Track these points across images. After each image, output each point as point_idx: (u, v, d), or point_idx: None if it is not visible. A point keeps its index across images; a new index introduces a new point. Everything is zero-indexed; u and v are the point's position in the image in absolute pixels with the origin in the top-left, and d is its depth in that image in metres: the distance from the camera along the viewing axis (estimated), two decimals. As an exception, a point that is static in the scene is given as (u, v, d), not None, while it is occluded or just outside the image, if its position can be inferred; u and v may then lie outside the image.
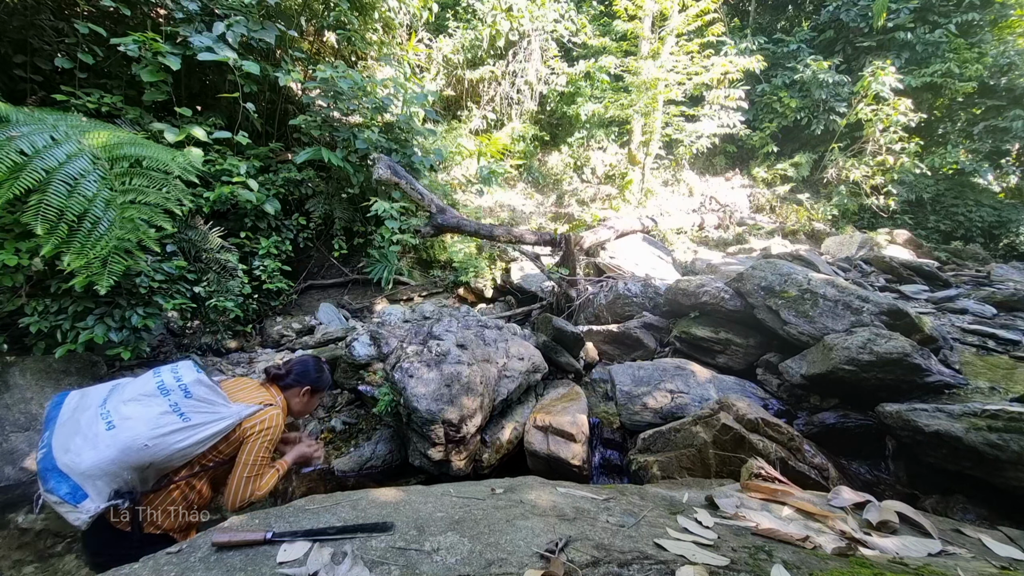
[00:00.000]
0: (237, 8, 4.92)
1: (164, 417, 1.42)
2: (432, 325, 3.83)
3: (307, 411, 1.87)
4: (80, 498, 1.30)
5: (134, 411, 1.41)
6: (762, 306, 3.69)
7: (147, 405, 1.43)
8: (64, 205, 2.76)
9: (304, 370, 1.81)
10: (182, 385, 1.48)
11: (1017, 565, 1.32)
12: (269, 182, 5.44)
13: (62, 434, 1.38)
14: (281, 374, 1.78)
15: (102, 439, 1.35)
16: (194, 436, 1.45)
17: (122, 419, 1.39)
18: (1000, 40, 9.80)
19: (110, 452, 1.34)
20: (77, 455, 1.33)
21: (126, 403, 1.43)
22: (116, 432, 1.36)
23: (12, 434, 3.05)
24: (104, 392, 1.49)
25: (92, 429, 1.36)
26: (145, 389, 1.47)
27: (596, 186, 10.65)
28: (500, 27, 9.45)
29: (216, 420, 1.49)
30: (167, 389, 1.47)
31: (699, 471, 2.43)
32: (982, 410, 2.18)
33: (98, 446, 1.34)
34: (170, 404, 1.44)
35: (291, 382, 1.78)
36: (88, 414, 1.40)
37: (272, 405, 1.65)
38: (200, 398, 1.49)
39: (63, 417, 1.42)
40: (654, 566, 1.12)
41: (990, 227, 9.13)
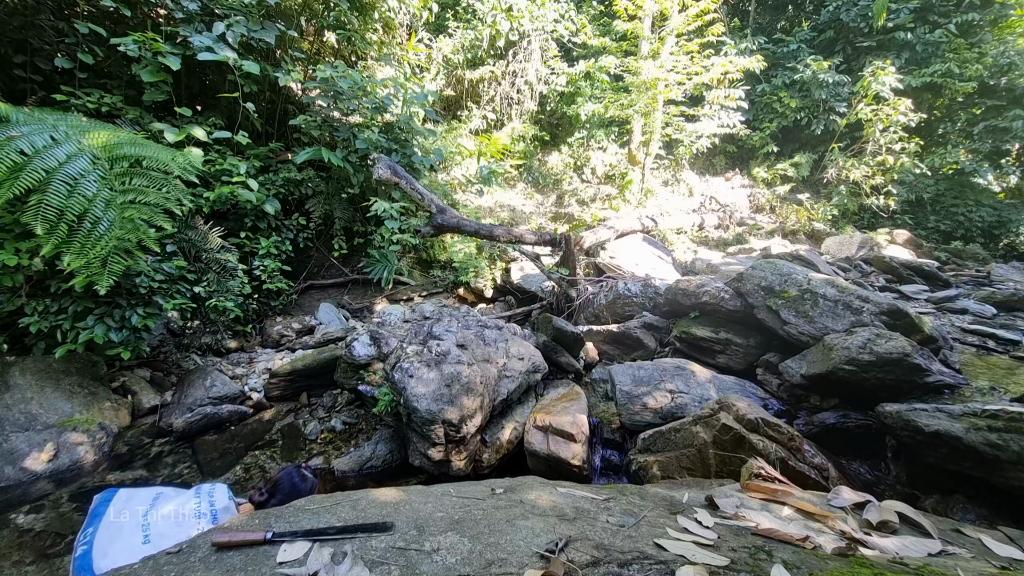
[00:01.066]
0: (237, 8, 4.92)
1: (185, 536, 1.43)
2: (432, 325, 3.83)
3: None
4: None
5: (169, 530, 1.48)
6: (762, 306, 3.69)
7: (181, 525, 1.51)
8: (64, 205, 2.76)
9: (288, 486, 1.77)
10: (213, 511, 1.58)
11: (1017, 565, 1.32)
12: (269, 182, 5.44)
13: (104, 536, 1.43)
14: (264, 500, 1.74)
15: (137, 552, 1.37)
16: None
17: (158, 535, 1.45)
18: (1000, 40, 9.80)
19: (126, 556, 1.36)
20: (113, 562, 1.35)
21: (164, 519, 1.51)
22: (150, 548, 1.39)
23: (12, 434, 3.05)
24: (149, 500, 1.57)
25: (131, 540, 1.43)
26: (184, 509, 1.56)
27: (596, 186, 10.65)
28: (500, 27, 9.45)
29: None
30: (201, 513, 1.57)
31: (699, 471, 2.43)
32: (982, 410, 2.18)
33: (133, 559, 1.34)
34: (199, 530, 1.50)
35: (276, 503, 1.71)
36: (131, 523, 1.47)
37: None
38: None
39: (108, 518, 1.48)
40: (654, 566, 1.12)
41: (990, 227, 9.13)
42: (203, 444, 3.52)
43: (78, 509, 2.82)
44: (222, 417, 3.72)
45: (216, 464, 3.33)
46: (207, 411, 3.65)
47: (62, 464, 3.03)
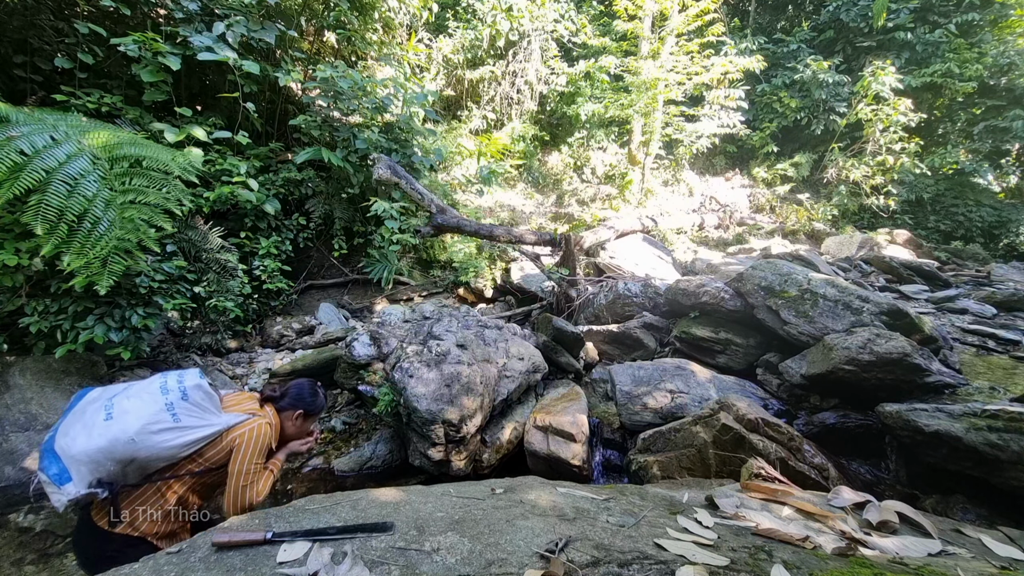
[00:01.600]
0: (237, 8, 4.92)
1: (157, 415, 1.46)
2: (432, 325, 3.83)
3: (301, 435, 1.86)
4: (64, 480, 1.37)
5: (132, 405, 1.46)
6: (762, 306, 3.69)
7: (144, 401, 1.47)
8: (64, 205, 2.76)
9: (299, 394, 1.81)
10: (182, 387, 1.52)
11: (1017, 565, 1.32)
12: (269, 182, 5.44)
13: (69, 421, 1.45)
14: (276, 396, 1.79)
15: (97, 428, 1.41)
16: (180, 438, 1.48)
17: (120, 412, 1.44)
18: (1000, 40, 9.80)
19: (100, 441, 1.39)
20: (73, 440, 1.40)
21: (128, 398, 1.48)
22: (111, 423, 1.41)
23: (12, 434, 3.05)
24: (119, 388, 1.55)
25: (94, 419, 1.43)
26: (148, 387, 1.53)
27: (596, 186, 10.65)
28: (500, 27, 9.45)
29: (204, 426, 1.52)
30: (167, 389, 1.51)
31: (699, 471, 2.43)
32: (982, 410, 2.18)
33: (92, 434, 1.40)
34: (166, 403, 1.48)
35: (285, 405, 1.79)
36: (96, 405, 1.47)
37: (258, 416, 1.65)
38: (195, 403, 1.52)
39: (77, 408, 1.49)
40: (654, 566, 1.12)
41: (990, 227, 9.13)
42: (203, 444, 3.52)
43: (78, 509, 2.82)
44: (222, 417, 3.72)
45: (216, 464, 3.33)
46: (207, 411, 3.65)
47: (62, 464, 3.03)
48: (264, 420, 1.65)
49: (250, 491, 1.56)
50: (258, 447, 1.59)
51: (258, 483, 1.60)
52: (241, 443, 1.56)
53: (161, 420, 1.46)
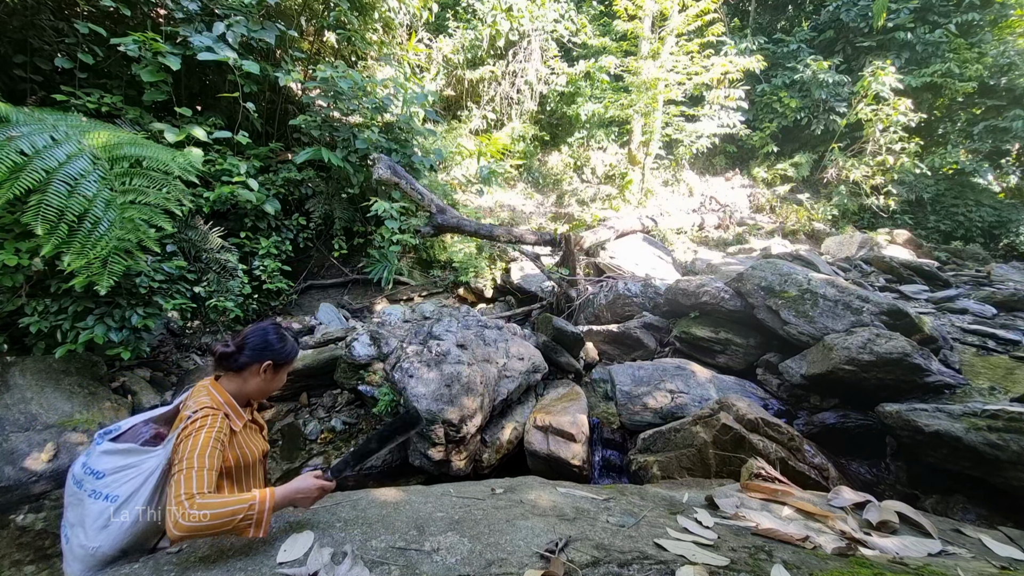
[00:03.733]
0: (237, 8, 4.92)
1: (93, 510, 1.25)
2: (432, 325, 3.83)
3: (271, 390, 1.51)
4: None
5: (73, 516, 1.29)
6: (762, 306, 3.69)
7: (76, 507, 1.29)
8: (64, 205, 2.76)
9: (260, 342, 1.43)
10: (89, 469, 1.29)
11: (1017, 565, 1.32)
12: (269, 182, 5.44)
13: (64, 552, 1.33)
14: (230, 352, 1.40)
15: (68, 555, 1.29)
16: (135, 506, 1.25)
17: (69, 527, 1.29)
18: (1000, 40, 9.80)
19: (77, 565, 1.27)
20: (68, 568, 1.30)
21: (67, 508, 1.31)
22: (70, 545, 1.28)
23: (12, 434, 3.04)
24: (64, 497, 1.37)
25: (63, 546, 1.31)
26: (69, 490, 1.32)
27: (596, 186, 10.65)
28: (500, 27, 9.45)
29: (148, 477, 1.27)
30: (79, 481, 1.30)
31: (699, 471, 2.43)
32: (982, 410, 2.18)
33: (69, 562, 1.29)
34: (89, 494, 1.26)
35: (245, 360, 1.40)
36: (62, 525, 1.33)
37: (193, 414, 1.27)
38: (113, 469, 1.28)
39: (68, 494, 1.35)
40: (654, 566, 1.12)
41: (990, 227, 9.13)
42: (203, 444, 3.51)
43: (78, 509, 2.82)
44: (222, 417, 3.72)
45: (216, 464, 3.33)
46: (207, 411, 3.65)
47: (62, 464, 3.03)
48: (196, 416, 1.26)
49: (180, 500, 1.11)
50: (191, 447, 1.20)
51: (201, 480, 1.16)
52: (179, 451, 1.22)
53: (102, 511, 1.25)
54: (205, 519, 1.08)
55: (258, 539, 1.17)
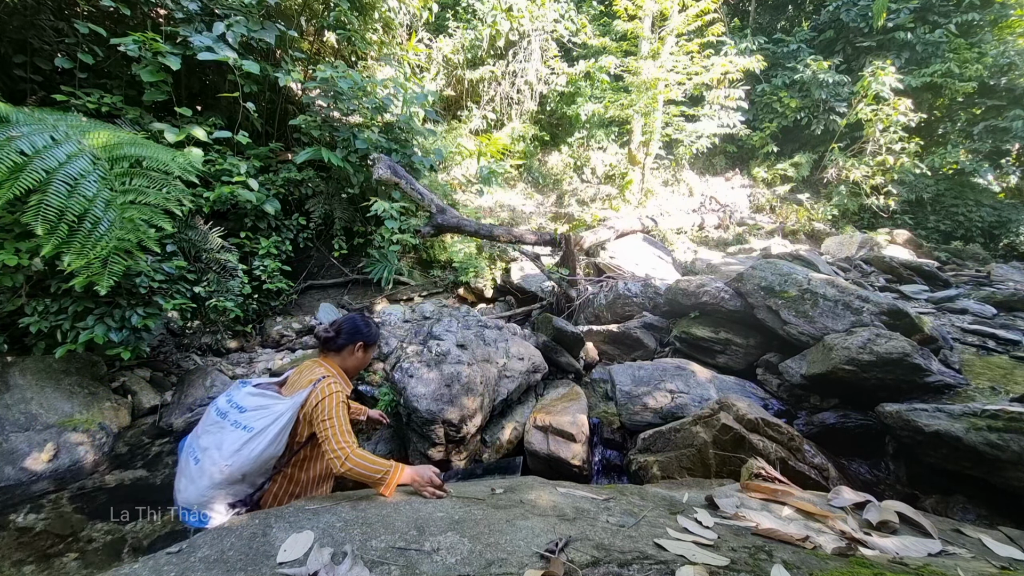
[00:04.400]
0: (237, 8, 4.92)
1: (231, 436, 1.53)
2: (432, 325, 3.83)
3: (363, 366, 1.89)
4: (206, 520, 1.51)
5: (208, 442, 1.55)
6: (762, 306, 3.69)
7: (215, 433, 1.56)
8: (64, 205, 2.76)
9: (353, 328, 1.80)
10: (233, 403, 1.61)
11: (1017, 565, 1.32)
12: (269, 182, 5.44)
13: (177, 480, 1.60)
14: (331, 336, 1.77)
15: (194, 474, 1.53)
16: (264, 439, 1.53)
17: (202, 451, 1.54)
18: (1000, 40, 9.80)
19: (203, 482, 1.51)
20: (184, 492, 1.54)
21: (200, 437, 1.58)
22: (201, 464, 1.53)
23: (12, 434, 3.05)
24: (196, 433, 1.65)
25: (188, 468, 1.56)
26: (209, 420, 1.61)
27: (596, 186, 10.65)
28: (500, 27, 9.45)
29: (277, 418, 1.56)
30: (223, 412, 1.59)
31: (699, 471, 2.43)
32: (982, 410, 2.18)
33: (194, 480, 1.53)
34: (231, 423, 1.56)
35: (343, 343, 1.77)
36: (185, 454, 1.61)
37: (322, 379, 1.63)
38: (254, 407, 1.59)
39: (180, 463, 1.63)
40: (654, 566, 1.12)
41: (990, 227, 9.13)
42: (203, 444, 3.52)
43: (78, 509, 2.82)
44: (222, 417, 3.72)
45: (216, 464, 3.33)
46: (207, 411, 3.66)
47: (62, 464, 3.03)
48: (326, 381, 1.62)
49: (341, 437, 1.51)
50: (331, 403, 1.56)
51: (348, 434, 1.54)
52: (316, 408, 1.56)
53: (237, 438, 1.53)
54: (357, 467, 1.45)
55: (258, 539, 1.18)
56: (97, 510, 2.82)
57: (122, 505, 2.84)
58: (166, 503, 2.93)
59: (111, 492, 3.00)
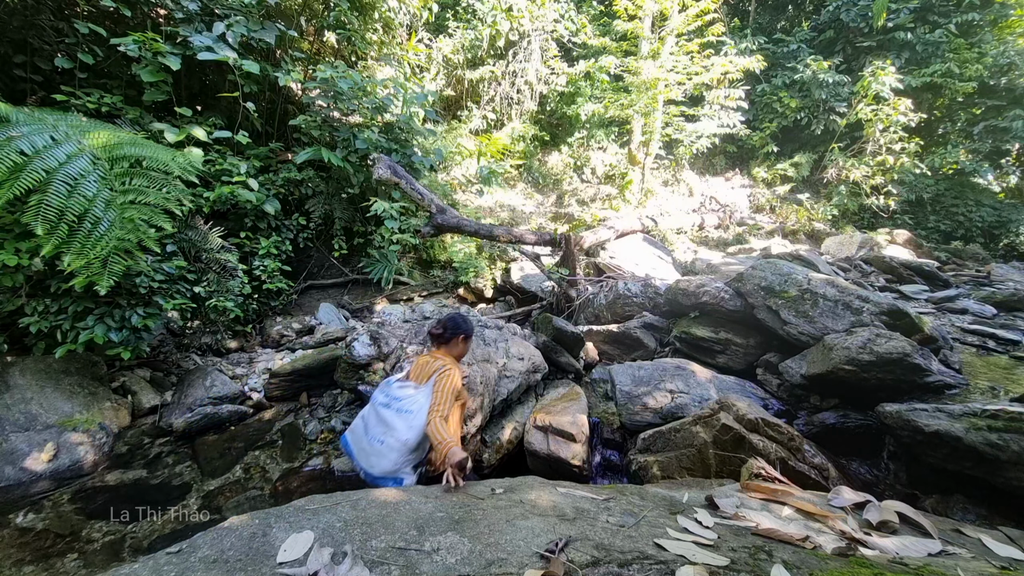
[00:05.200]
0: (237, 8, 4.92)
1: (400, 419, 2.06)
2: (432, 325, 3.83)
3: (466, 353, 2.46)
4: (401, 481, 2.00)
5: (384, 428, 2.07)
6: (762, 306, 3.69)
7: (383, 423, 2.09)
8: (64, 205, 2.76)
9: (455, 324, 2.33)
10: (391, 396, 2.15)
11: (1017, 565, 1.32)
12: (269, 182, 5.44)
13: (364, 460, 2.09)
14: (440, 333, 2.31)
15: (383, 452, 2.04)
16: (421, 417, 2.03)
17: (383, 435, 2.06)
18: (1000, 40, 9.80)
19: (392, 455, 2.02)
20: (377, 467, 2.04)
21: (374, 427, 2.11)
22: (386, 444, 2.04)
23: (12, 434, 3.04)
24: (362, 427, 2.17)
25: (375, 448, 2.06)
26: (377, 413, 2.13)
27: (596, 186, 10.65)
28: (500, 27, 9.45)
29: (423, 400, 2.07)
30: (386, 404, 2.13)
31: (699, 471, 2.43)
32: (982, 410, 2.18)
33: (384, 456, 2.03)
34: (395, 411, 2.08)
35: (449, 336, 2.31)
36: (366, 441, 2.11)
37: (442, 368, 2.16)
38: (405, 396, 2.12)
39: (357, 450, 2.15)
40: (654, 566, 1.12)
41: (990, 227, 9.13)
42: (203, 444, 3.52)
43: (78, 509, 2.82)
44: (222, 417, 3.72)
45: (216, 464, 3.33)
46: (207, 411, 3.65)
47: (62, 464, 3.03)
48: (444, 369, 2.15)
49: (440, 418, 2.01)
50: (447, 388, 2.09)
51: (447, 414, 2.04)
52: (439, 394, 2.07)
53: (405, 420, 2.04)
54: (434, 432, 1.93)
55: (258, 539, 1.18)
56: (97, 510, 2.82)
57: (122, 505, 2.84)
58: (166, 503, 2.93)
59: (111, 492, 3.00)
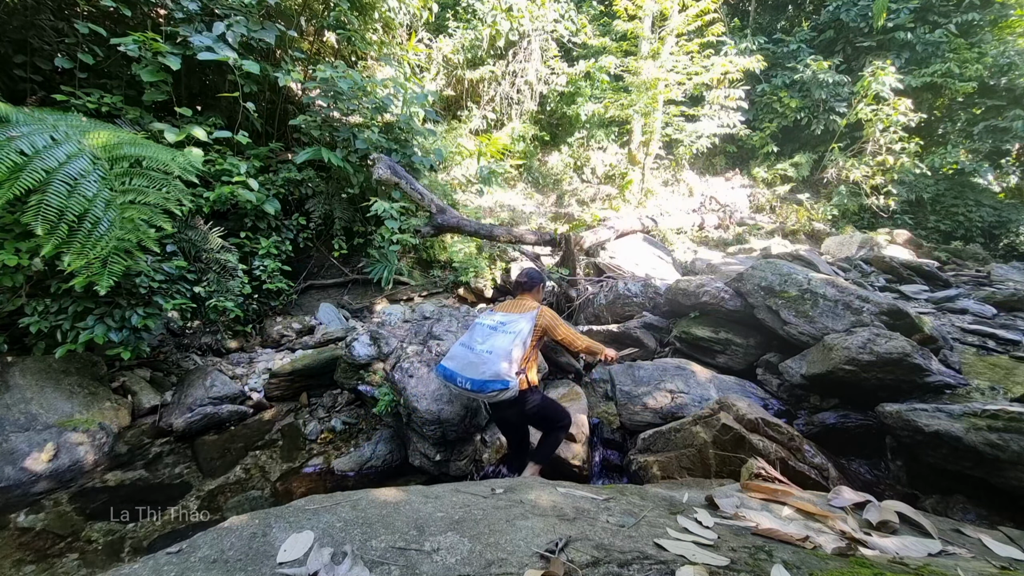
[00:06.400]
0: (237, 8, 4.92)
1: (504, 338, 2.46)
2: (432, 325, 3.83)
3: (542, 297, 2.91)
4: (507, 383, 2.36)
5: (490, 343, 2.45)
6: (762, 306, 3.69)
7: (492, 337, 2.47)
8: (64, 205, 2.76)
9: (533, 275, 2.84)
10: (497, 320, 2.56)
11: (1017, 565, 1.32)
12: (269, 182, 5.44)
13: (472, 372, 2.41)
14: (525, 282, 2.81)
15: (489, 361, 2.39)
16: (522, 336, 2.47)
17: (490, 348, 2.43)
18: (1000, 40, 9.80)
19: (498, 362, 2.38)
20: (489, 372, 2.36)
21: (484, 341, 2.47)
22: (494, 355, 2.40)
23: (12, 434, 3.05)
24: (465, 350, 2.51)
25: (483, 358, 2.41)
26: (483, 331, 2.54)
27: (596, 186, 10.65)
28: (500, 27, 9.45)
29: (521, 324, 2.51)
30: (494, 327, 2.52)
31: (699, 471, 2.43)
32: (982, 410, 2.18)
33: (490, 363, 2.38)
34: (501, 332, 2.49)
35: (533, 284, 2.81)
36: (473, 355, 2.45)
37: (541, 306, 2.69)
38: (510, 320, 2.55)
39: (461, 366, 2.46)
40: (654, 566, 1.12)
41: (990, 227, 9.13)
42: (203, 444, 3.52)
43: (78, 509, 2.83)
44: (222, 417, 3.72)
45: (216, 464, 3.33)
46: (207, 411, 3.66)
47: (62, 464, 3.03)
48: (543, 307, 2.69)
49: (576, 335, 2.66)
50: (556, 318, 2.66)
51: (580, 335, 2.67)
52: (549, 322, 2.62)
53: (508, 338, 2.45)
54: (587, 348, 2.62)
55: (258, 539, 1.18)
56: (97, 510, 2.83)
57: (122, 505, 2.84)
58: (166, 503, 2.94)
59: (111, 492, 3.00)
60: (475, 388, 2.37)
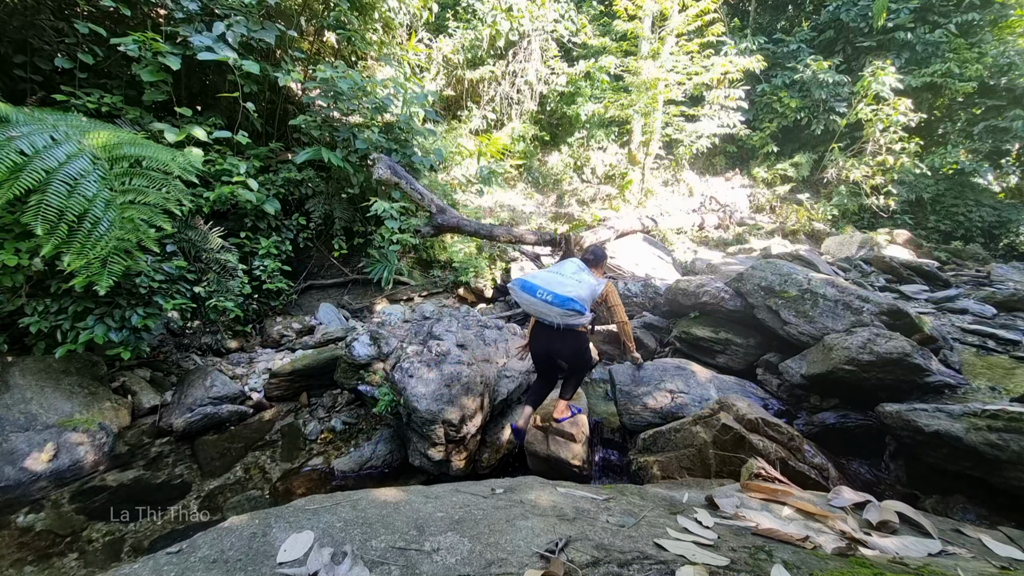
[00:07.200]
0: (237, 8, 4.91)
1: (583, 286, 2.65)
2: (432, 325, 3.83)
3: (604, 272, 3.19)
4: (583, 310, 2.57)
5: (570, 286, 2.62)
6: (762, 306, 3.69)
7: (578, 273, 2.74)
8: (64, 205, 2.76)
9: (598, 253, 3.02)
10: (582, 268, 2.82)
11: (1017, 565, 1.32)
12: (269, 182, 5.44)
13: (556, 287, 2.58)
14: (591, 259, 2.97)
15: (575, 285, 2.62)
16: (594, 290, 2.70)
17: (579, 279, 2.68)
18: (1000, 40, 9.80)
19: (583, 290, 2.62)
20: (573, 292, 2.57)
21: (571, 277, 2.69)
22: (581, 283, 2.66)
23: (12, 434, 3.05)
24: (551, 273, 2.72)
25: (568, 281, 2.65)
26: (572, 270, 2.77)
27: (596, 186, 10.65)
28: (500, 27, 9.45)
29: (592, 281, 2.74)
30: (575, 272, 2.76)
31: (699, 471, 2.43)
32: (982, 410, 2.18)
33: (576, 289, 2.60)
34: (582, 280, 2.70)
35: (598, 261, 2.99)
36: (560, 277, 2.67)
37: (607, 280, 2.92)
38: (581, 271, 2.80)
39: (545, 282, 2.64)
40: (654, 566, 1.12)
41: (990, 227, 9.13)
42: (203, 444, 3.52)
43: (78, 509, 2.83)
44: (222, 417, 3.72)
45: (216, 464, 3.33)
46: (207, 411, 3.66)
47: (62, 464, 3.03)
48: (609, 281, 2.90)
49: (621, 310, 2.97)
50: (617, 296, 2.96)
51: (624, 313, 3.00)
52: (611, 292, 2.92)
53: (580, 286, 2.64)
54: (627, 330, 3.03)
55: (258, 539, 1.18)
56: (97, 510, 2.83)
57: (122, 505, 2.84)
58: (166, 503, 2.94)
59: (111, 492, 3.00)
60: (557, 302, 2.55)
